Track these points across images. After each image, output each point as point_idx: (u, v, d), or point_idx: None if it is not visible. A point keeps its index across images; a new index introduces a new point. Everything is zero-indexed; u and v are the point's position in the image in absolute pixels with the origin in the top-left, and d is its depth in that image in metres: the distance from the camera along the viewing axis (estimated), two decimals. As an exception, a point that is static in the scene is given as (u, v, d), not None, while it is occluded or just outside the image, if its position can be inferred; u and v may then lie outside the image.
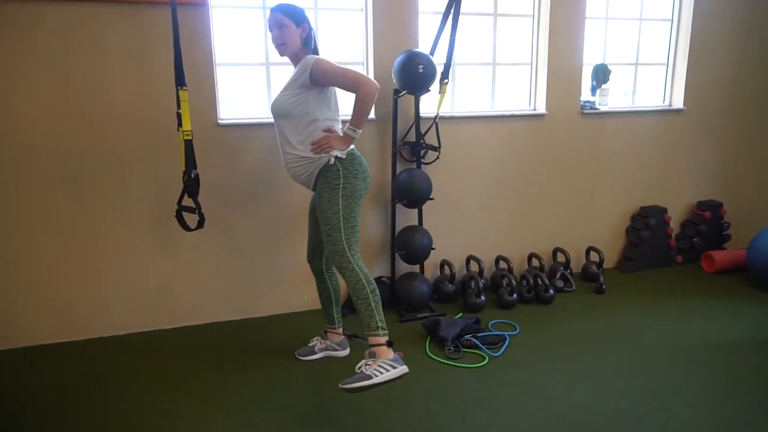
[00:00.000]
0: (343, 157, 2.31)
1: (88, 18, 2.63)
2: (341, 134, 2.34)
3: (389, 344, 2.15)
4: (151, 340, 2.92)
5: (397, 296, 3.21)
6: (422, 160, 3.24)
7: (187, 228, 2.63)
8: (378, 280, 3.35)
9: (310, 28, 2.35)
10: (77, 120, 2.72)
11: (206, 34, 2.80)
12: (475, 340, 2.77)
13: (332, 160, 2.29)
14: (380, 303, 2.22)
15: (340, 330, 2.74)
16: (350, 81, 2.22)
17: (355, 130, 2.28)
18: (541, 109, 3.54)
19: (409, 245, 3.12)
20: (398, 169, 3.19)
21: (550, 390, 2.38)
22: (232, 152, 2.98)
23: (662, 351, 2.72)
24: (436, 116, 3.12)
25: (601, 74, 3.62)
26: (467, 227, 3.53)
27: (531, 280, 3.34)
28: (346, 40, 3.20)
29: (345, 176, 2.29)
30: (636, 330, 2.95)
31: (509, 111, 3.49)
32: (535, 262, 3.62)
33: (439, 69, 3.02)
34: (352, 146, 2.37)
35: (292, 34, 2.32)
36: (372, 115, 3.19)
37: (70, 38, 2.63)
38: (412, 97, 3.13)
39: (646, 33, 3.83)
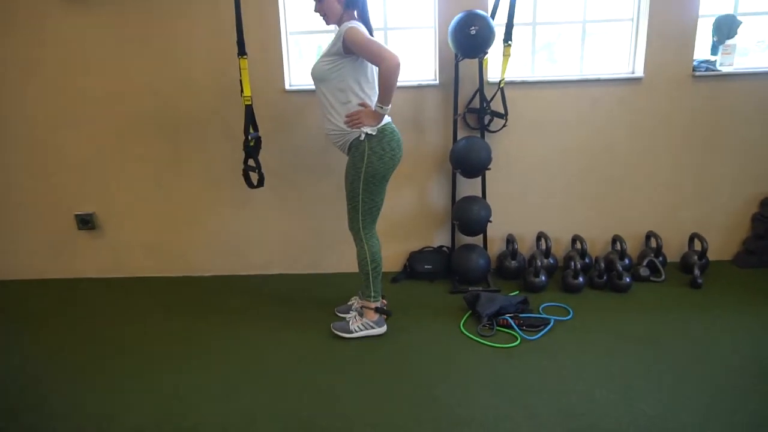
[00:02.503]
0: (373, 133, 2.33)
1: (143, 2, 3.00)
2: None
3: (377, 310, 2.57)
4: (225, 283, 3.32)
5: (452, 267, 3.16)
6: (488, 128, 3.08)
7: (251, 185, 2.90)
8: (438, 249, 3.32)
9: None
10: (171, 91, 3.13)
11: (274, 4, 2.98)
12: (510, 320, 2.62)
13: (362, 136, 2.33)
14: (379, 276, 2.57)
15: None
16: (373, 55, 2.19)
17: (382, 107, 2.27)
18: (639, 71, 3.07)
19: (464, 216, 3.02)
20: (460, 137, 3.08)
21: (569, 385, 2.17)
22: (300, 116, 3.16)
23: (746, 373, 2.19)
24: (500, 81, 2.93)
25: (725, 28, 3.00)
26: (540, 202, 3.28)
27: (603, 264, 3.01)
28: (418, 4, 3.12)
29: (369, 157, 2.34)
30: (722, 340, 2.46)
31: (594, 75, 3.09)
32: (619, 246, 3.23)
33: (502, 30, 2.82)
34: (387, 120, 2.38)
35: (329, 3, 2.36)
36: (436, 80, 3.11)
37: (155, 21, 3.02)
38: (476, 61, 2.97)
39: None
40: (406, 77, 3.19)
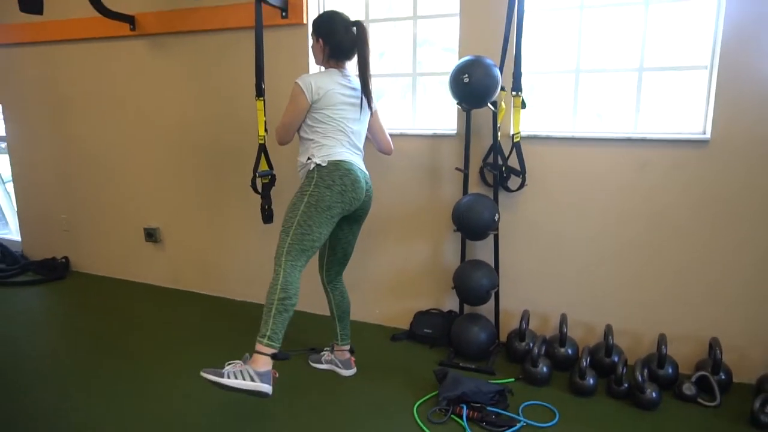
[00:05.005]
0: (323, 164, 2.27)
1: (223, 43, 3.30)
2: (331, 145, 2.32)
3: (274, 357, 2.12)
4: (247, 309, 3.46)
5: (451, 336, 2.82)
6: (505, 186, 2.72)
7: (264, 220, 3.01)
8: (445, 313, 3.01)
9: (332, 42, 2.32)
10: (220, 125, 3.44)
11: (305, 50, 3.09)
12: (464, 409, 2.23)
13: (312, 166, 2.29)
14: (283, 316, 2.16)
15: (345, 347, 2.66)
16: (281, 118, 2.37)
17: None
18: (708, 132, 2.41)
19: (463, 281, 2.70)
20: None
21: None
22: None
23: None
24: (512, 136, 2.57)
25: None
26: (569, 278, 2.76)
27: (621, 368, 2.38)
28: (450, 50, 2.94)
29: (317, 184, 2.28)
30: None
31: (643, 134, 2.52)
32: (673, 350, 2.51)
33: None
34: (346, 158, 2.30)
35: (315, 48, 2.40)
36: (454, 129, 2.86)
37: (212, 62, 3.36)
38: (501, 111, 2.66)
39: None
40: (422, 125, 3.02)
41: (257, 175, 2.90)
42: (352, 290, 3.21)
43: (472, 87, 2.39)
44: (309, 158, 2.31)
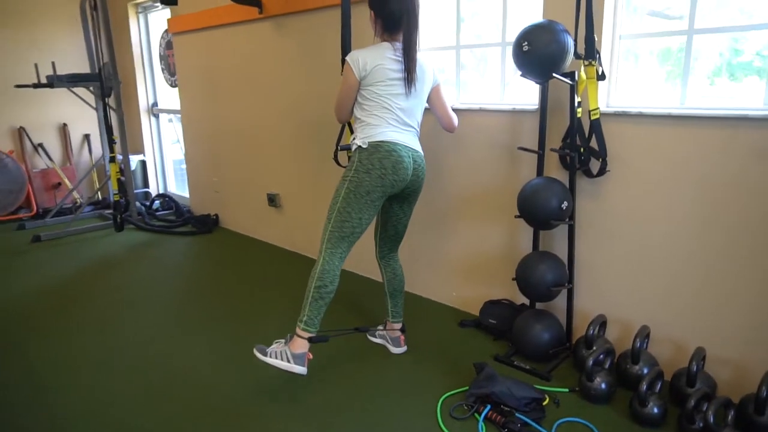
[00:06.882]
0: (364, 146, 2.25)
1: (332, 20, 3.38)
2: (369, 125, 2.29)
3: (310, 340, 2.22)
4: (347, 280, 3.58)
5: (513, 331, 2.59)
6: (583, 169, 2.35)
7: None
8: (515, 305, 2.77)
9: (383, 13, 2.27)
10: (325, 99, 3.58)
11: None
12: (486, 409, 2.05)
13: (354, 147, 2.30)
14: (320, 303, 2.23)
15: (396, 325, 2.64)
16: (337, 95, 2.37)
17: None
18: None
19: (524, 273, 2.44)
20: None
21: None
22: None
23: None
24: (590, 112, 2.20)
25: None
26: (659, 284, 2.30)
27: (694, 402, 1.91)
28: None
29: (357, 169, 2.28)
30: None
31: (764, 111, 1.92)
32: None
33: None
34: (390, 138, 2.26)
35: (371, 21, 2.37)
36: (535, 105, 2.55)
37: (321, 38, 3.49)
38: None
39: None
40: (501, 100, 2.77)
41: (340, 148, 2.99)
42: (431, 269, 3.18)
43: (532, 56, 2.10)
44: (354, 138, 2.32)
